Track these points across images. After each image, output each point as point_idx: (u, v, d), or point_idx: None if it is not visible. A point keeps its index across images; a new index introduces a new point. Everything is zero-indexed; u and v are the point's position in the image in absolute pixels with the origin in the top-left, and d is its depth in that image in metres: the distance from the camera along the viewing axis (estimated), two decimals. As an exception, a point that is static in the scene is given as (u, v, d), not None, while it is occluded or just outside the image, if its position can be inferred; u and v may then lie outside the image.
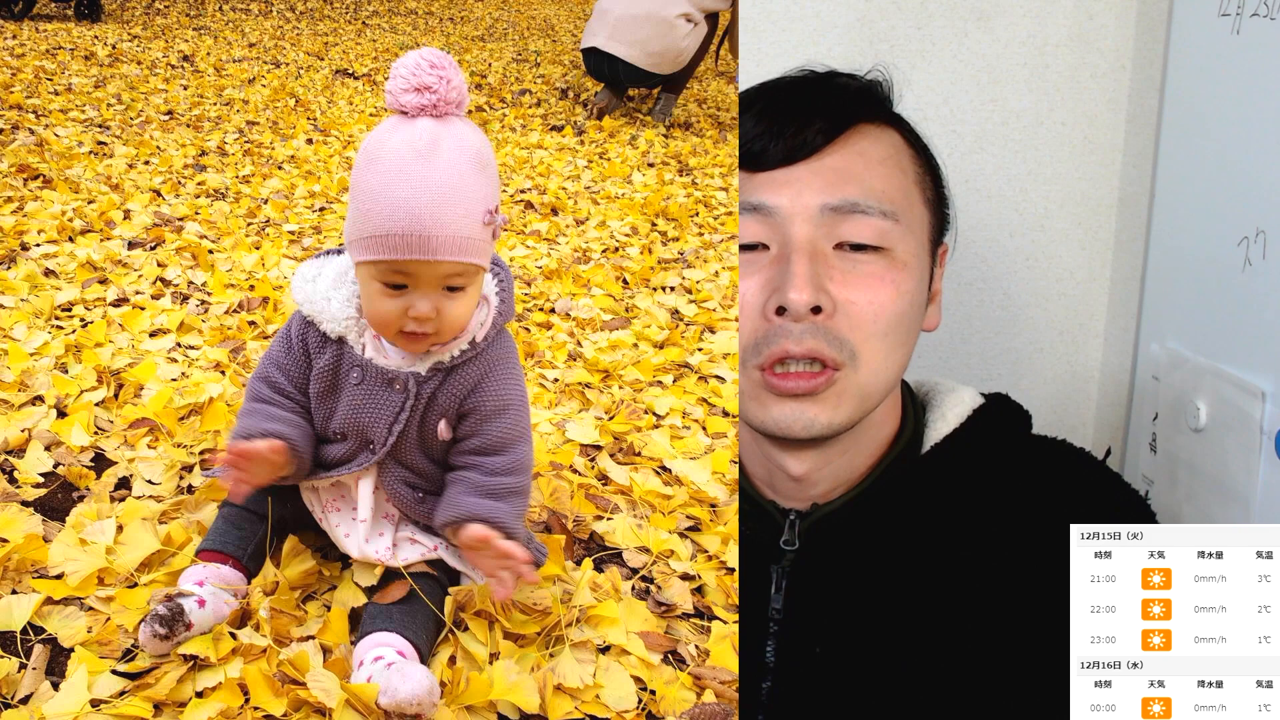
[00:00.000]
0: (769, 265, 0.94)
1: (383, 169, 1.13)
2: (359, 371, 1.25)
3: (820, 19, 1.43)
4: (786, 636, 0.98)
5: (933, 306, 1.03)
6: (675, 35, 4.24)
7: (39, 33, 5.23)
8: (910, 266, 0.95)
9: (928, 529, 0.97)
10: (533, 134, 4.23)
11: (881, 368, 0.94)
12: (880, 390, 0.95)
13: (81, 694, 1.10)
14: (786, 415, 0.93)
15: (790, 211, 0.93)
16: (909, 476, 1.00)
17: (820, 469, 0.99)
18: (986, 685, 0.92)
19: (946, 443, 1.01)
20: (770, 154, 0.95)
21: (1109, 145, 1.46)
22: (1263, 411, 1.16)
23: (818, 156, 0.94)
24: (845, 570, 0.98)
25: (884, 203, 0.94)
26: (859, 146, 0.96)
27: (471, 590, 1.28)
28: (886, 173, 0.96)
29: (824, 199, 0.93)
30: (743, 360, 0.95)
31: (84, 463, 1.55)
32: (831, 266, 0.93)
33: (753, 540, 1.02)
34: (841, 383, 0.93)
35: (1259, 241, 1.17)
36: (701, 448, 1.78)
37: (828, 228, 0.93)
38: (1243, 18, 1.19)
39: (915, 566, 0.96)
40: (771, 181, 0.95)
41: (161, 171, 3.18)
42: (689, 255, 2.89)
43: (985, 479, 0.98)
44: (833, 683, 0.95)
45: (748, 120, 0.97)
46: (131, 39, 5.42)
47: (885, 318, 0.93)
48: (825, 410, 0.93)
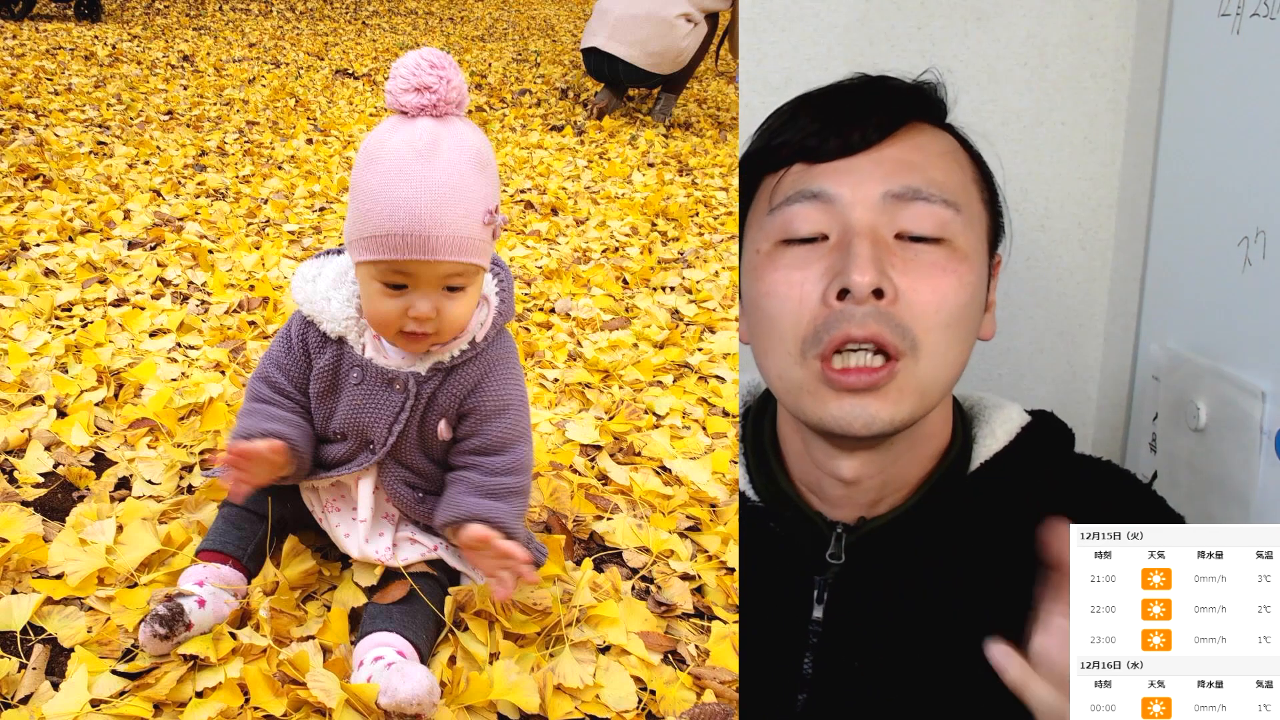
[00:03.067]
0: (829, 253, 0.92)
1: (383, 169, 1.13)
2: (359, 371, 1.25)
3: (820, 19, 1.43)
4: (826, 649, 0.96)
5: (988, 315, 1.00)
6: (675, 35, 4.24)
7: (39, 33, 5.24)
8: (971, 260, 0.93)
9: (975, 548, 0.95)
10: (533, 134, 4.23)
11: (942, 361, 0.92)
12: (940, 387, 0.93)
13: (81, 694, 1.10)
14: (847, 411, 0.90)
15: (851, 198, 0.92)
16: (958, 494, 0.98)
17: (872, 475, 0.96)
18: (1025, 708, 0.90)
19: (996, 461, 0.99)
20: (829, 147, 0.94)
21: (1109, 145, 1.46)
22: (1263, 411, 1.16)
23: (878, 147, 0.94)
24: (889, 585, 0.96)
25: (945, 192, 0.93)
26: (917, 140, 0.95)
27: (471, 590, 1.28)
28: (946, 166, 0.95)
29: (886, 186, 0.92)
30: (802, 351, 0.91)
31: (84, 463, 1.55)
32: (893, 254, 0.91)
33: (792, 548, 1.00)
34: (902, 375, 0.90)
35: (1259, 241, 1.17)
36: (701, 448, 1.78)
37: (889, 215, 0.91)
38: (1243, 18, 1.19)
39: (960, 585, 0.94)
40: (832, 170, 0.93)
41: (161, 171, 3.18)
42: (689, 255, 2.89)
43: (1033, 500, 0.95)
44: (870, 698, 0.94)
45: (803, 119, 0.96)
46: (131, 39, 5.43)
47: (947, 308, 0.91)
48: (887, 405, 0.90)
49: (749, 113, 1.44)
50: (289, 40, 6.05)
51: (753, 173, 1.00)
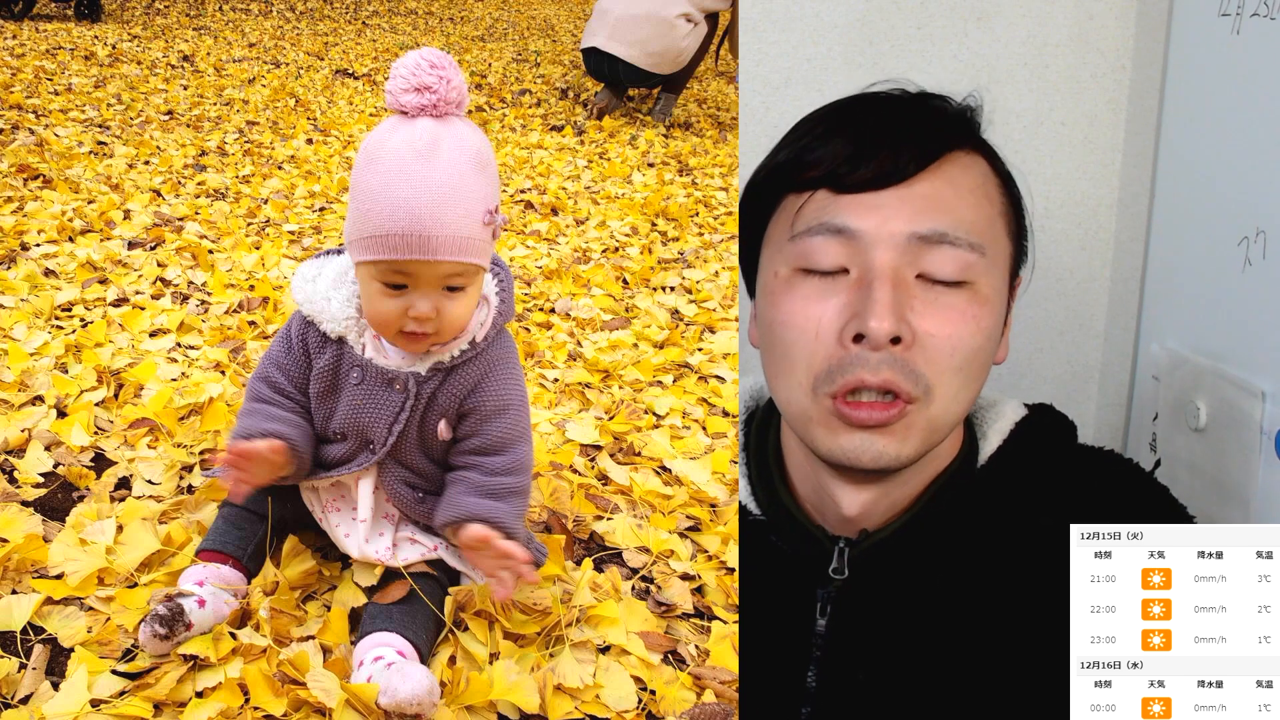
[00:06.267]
0: (849, 290, 0.90)
1: (383, 169, 1.13)
2: (359, 371, 1.25)
3: (820, 19, 1.43)
4: (829, 662, 0.95)
5: (1003, 339, 0.99)
6: (675, 35, 4.25)
7: (39, 33, 5.24)
8: (991, 302, 0.92)
9: (978, 553, 0.94)
10: (533, 134, 4.23)
11: (953, 403, 0.91)
12: (948, 425, 0.92)
13: (81, 694, 1.10)
14: (856, 446, 0.89)
15: (876, 237, 0.89)
16: (958, 501, 0.97)
17: (875, 504, 0.96)
18: (1034, 713, 0.89)
19: (993, 461, 0.98)
20: (858, 177, 0.90)
21: (1109, 145, 1.46)
22: (1263, 411, 1.16)
23: (908, 183, 0.90)
24: (893, 597, 0.95)
25: (972, 234, 0.90)
26: (950, 174, 0.92)
27: (471, 590, 1.28)
28: (975, 203, 0.92)
29: (913, 227, 0.89)
30: (814, 388, 0.90)
31: (84, 463, 1.55)
32: (913, 296, 0.89)
33: (795, 562, 0.99)
34: (912, 416, 0.89)
35: (1259, 241, 1.17)
36: (701, 448, 1.78)
37: (912, 256, 0.89)
38: (1243, 18, 1.19)
39: (965, 593, 0.93)
40: (858, 205, 0.90)
41: (161, 171, 3.18)
42: (689, 255, 2.89)
43: (1033, 498, 0.95)
44: (875, 710, 0.93)
45: (836, 140, 0.92)
46: (131, 39, 5.43)
47: (962, 352, 0.89)
48: (894, 443, 0.89)
49: (749, 113, 1.44)
50: (289, 40, 6.05)
51: (776, 184, 0.97)
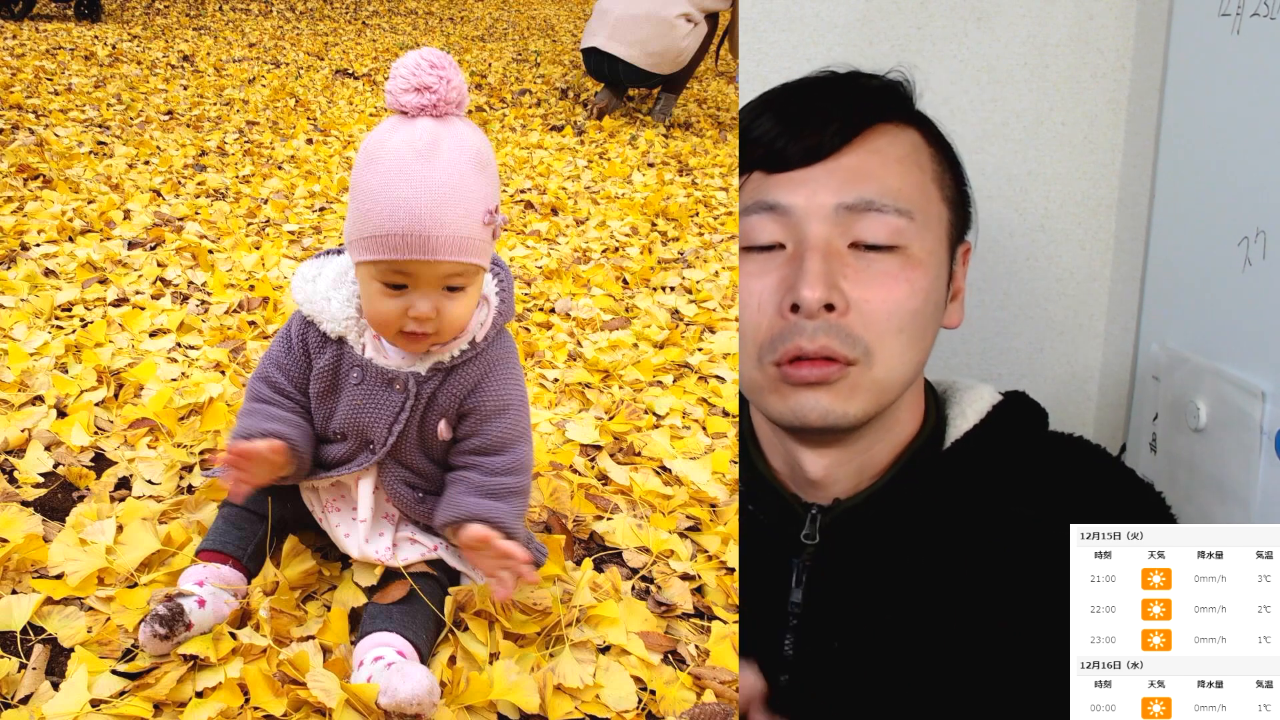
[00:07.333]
0: (784, 264, 0.95)
1: (383, 169, 1.13)
2: (359, 371, 1.25)
3: (820, 19, 1.43)
4: (805, 630, 0.98)
5: (955, 304, 1.03)
6: (675, 35, 4.24)
7: (39, 33, 5.24)
8: (926, 264, 0.96)
9: (947, 525, 0.97)
10: (533, 134, 4.23)
11: (897, 364, 0.95)
12: (896, 385, 0.96)
13: (81, 694, 1.10)
14: (803, 404, 0.94)
15: (805, 210, 0.94)
16: (930, 472, 1.00)
17: (840, 467, 1.00)
18: (1004, 681, 0.92)
19: (967, 439, 1.01)
20: (787, 154, 0.95)
21: (1109, 145, 1.46)
22: (1263, 411, 1.16)
23: (834, 157, 0.95)
24: (865, 565, 0.98)
25: (899, 200, 0.95)
26: (875, 145, 0.96)
27: (471, 590, 1.28)
28: (903, 170, 0.96)
29: (839, 198, 0.94)
30: (759, 357, 0.95)
31: (84, 463, 1.55)
32: (846, 265, 0.94)
33: (770, 531, 1.03)
34: (855, 376, 0.93)
35: (1259, 241, 1.17)
36: (701, 448, 1.78)
37: (843, 226, 0.94)
38: (1243, 18, 1.19)
39: (935, 562, 0.96)
40: (788, 181, 0.95)
41: (161, 171, 3.18)
42: (689, 255, 2.89)
43: (1004, 476, 0.99)
44: (851, 678, 0.96)
45: (766, 120, 0.97)
46: (131, 39, 5.43)
47: (899, 315, 0.94)
48: (839, 401, 0.93)
49: (749, 113, 1.44)
50: (289, 40, 6.05)
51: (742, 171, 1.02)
